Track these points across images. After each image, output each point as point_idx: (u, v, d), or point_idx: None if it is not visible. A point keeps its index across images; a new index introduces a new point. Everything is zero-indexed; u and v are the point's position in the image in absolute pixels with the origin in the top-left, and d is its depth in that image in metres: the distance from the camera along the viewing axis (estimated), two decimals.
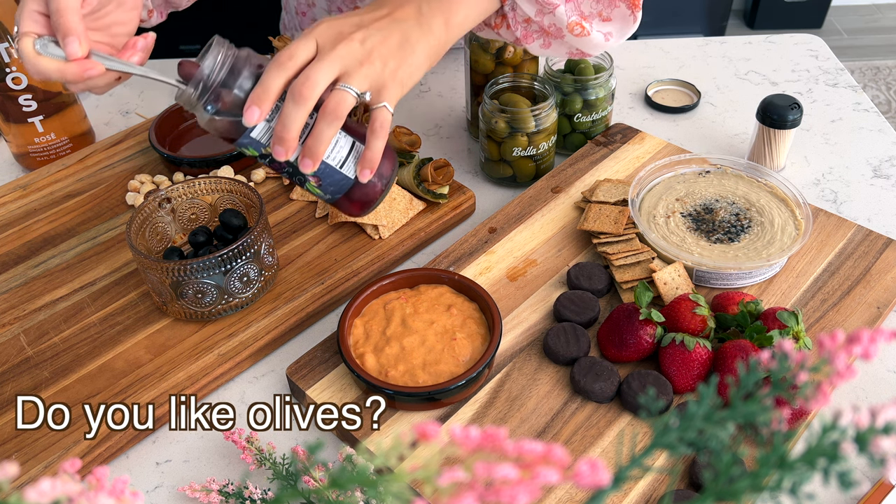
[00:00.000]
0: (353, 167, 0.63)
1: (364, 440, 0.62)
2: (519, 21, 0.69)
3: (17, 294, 0.76)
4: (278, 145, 0.58)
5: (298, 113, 0.57)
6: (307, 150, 0.59)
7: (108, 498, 0.28)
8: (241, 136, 0.60)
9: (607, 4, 0.69)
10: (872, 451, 0.26)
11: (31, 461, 0.61)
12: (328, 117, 0.58)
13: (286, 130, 0.58)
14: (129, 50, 0.64)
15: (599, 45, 0.71)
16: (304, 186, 0.64)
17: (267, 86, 0.58)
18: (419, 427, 0.26)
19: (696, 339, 0.64)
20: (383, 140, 0.61)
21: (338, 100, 0.58)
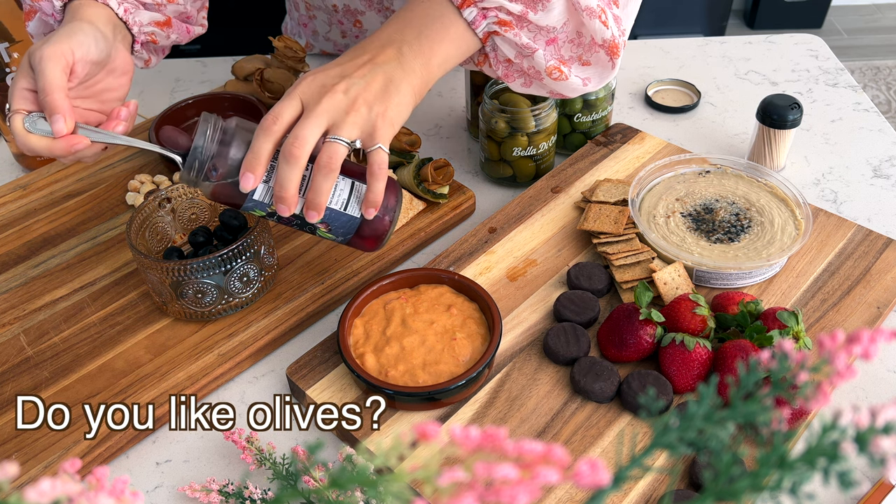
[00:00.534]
0: (357, 207, 0.65)
1: (364, 440, 0.62)
2: (500, 61, 0.71)
3: (17, 294, 0.77)
4: (280, 203, 0.60)
5: (293, 173, 0.59)
6: (309, 203, 0.61)
7: (108, 498, 0.28)
8: (244, 202, 0.63)
9: (587, 49, 0.70)
10: (872, 451, 0.26)
11: (31, 461, 0.61)
12: (323, 171, 0.60)
13: (284, 190, 0.60)
14: (114, 120, 0.67)
15: (577, 89, 0.72)
16: (317, 233, 0.66)
17: (257, 152, 0.60)
18: (419, 427, 0.26)
19: (696, 339, 0.64)
20: (383, 180, 0.63)
21: (330, 153, 0.60)
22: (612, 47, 0.70)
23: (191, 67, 1.15)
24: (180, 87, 1.11)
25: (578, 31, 0.69)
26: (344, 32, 1.09)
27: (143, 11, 0.77)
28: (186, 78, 1.13)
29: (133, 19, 0.75)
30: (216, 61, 1.16)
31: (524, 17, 0.67)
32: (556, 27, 0.68)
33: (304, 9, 1.10)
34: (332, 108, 0.60)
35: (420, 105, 1.05)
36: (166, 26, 0.80)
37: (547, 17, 0.67)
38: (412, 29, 0.66)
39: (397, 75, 0.63)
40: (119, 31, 0.73)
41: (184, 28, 0.83)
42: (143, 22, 0.76)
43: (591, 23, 0.67)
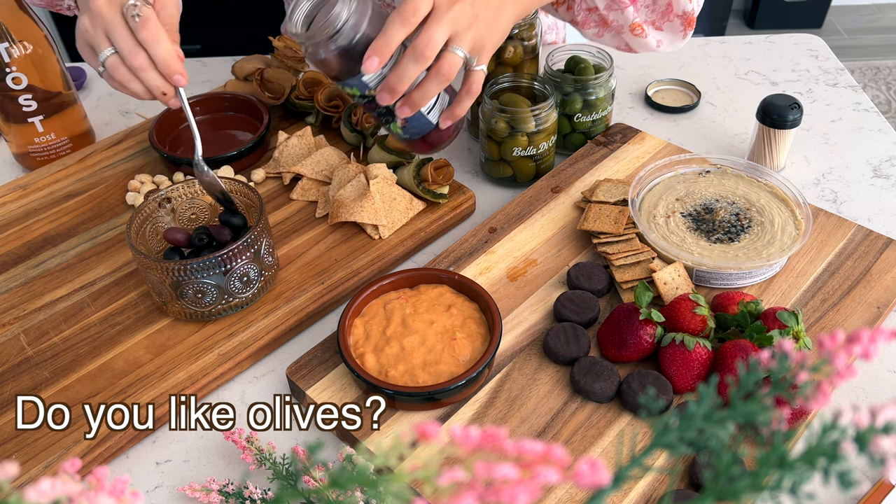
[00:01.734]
0: (437, 115, 0.69)
1: (364, 440, 0.62)
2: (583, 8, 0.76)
3: (17, 294, 0.77)
4: (386, 93, 0.64)
5: (416, 69, 0.63)
6: (410, 101, 0.65)
7: (108, 498, 0.28)
8: (350, 78, 0.64)
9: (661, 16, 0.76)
10: (872, 451, 0.26)
11: (31, 461, 0.61)
12: (440, 77, 0.64)
13: (400, 83, 0.63)
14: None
15: (650, 48, 0.80)
16: (388, 125, 0.69)
17: (389, 38, 0.62)
18: (419, 427, 0.26)
19: (696, 339, 0.64)
20: (474, 99, 0.68)
21: (451, 63, 0.64)
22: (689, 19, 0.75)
23: (191, 67, 1.15)
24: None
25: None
26: None
27: None
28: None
29: None
30: (216, 61, 1.16)
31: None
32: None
33: None
34: (458, 18, 0.63)
35: None
36: None
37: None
38: None
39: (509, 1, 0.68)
40: None
41: None
42: None
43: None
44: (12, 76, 0.86)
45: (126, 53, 0.66)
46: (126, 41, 0.66)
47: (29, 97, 0.89)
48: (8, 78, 0.86)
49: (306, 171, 0.87)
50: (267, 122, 0.92)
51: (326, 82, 0.96)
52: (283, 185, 0.89)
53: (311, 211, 0.85)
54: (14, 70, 0.86)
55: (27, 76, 0.87)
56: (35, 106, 0.90)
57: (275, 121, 0.99)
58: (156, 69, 0.67)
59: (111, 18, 0.66)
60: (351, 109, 0.91)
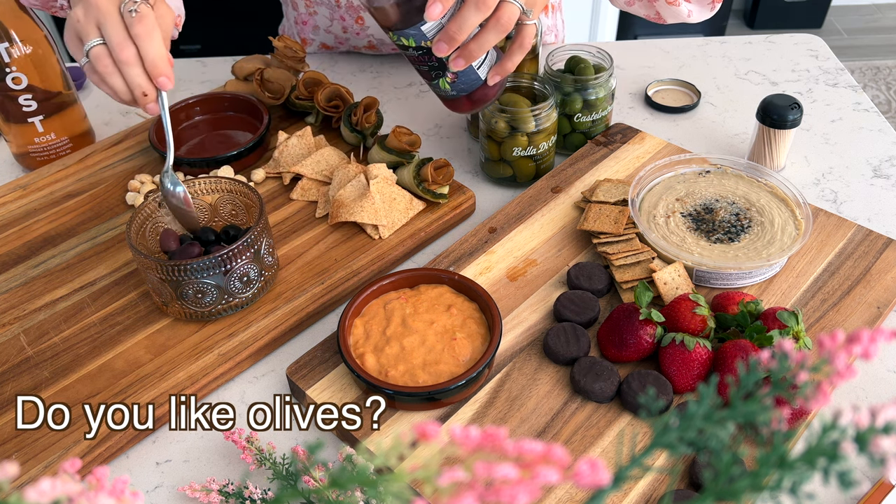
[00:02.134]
0: (486, 70, 0.69)
1: (364, 440, 0.62)
2: None
3: (17, 294, 0.77)
4: (444, 42, 0.64)
5: (477, 17, 0.62)
6: (466, 52, 0.65)
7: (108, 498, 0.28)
8: (409, 27, 0.64)
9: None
10: (872, 451, 0.26)
11: (31, 461, 0.61)
12: (499, 27, 0.64)
13: (460, 31, 0.63)
14: None
15: (680, 17, 0.80)
16: (436, 80, 0.69)
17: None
18: (419, 427, 0.26)
19: (696, 339, 0.64)
20: (525, 53, 0.68)
21: (510, 13, 0.64)
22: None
23: (191, 67, 1.15)
24: (180, 87, 1.11)
25: None
26: (345, 28, 1.09)
27: None
28: (186, 78, 1.13)
29: None
30: (216, 61, 1.16)
31: None
32: None
33: (303, 6, 1.10)
34: None
35: (420, 105, 1.05)
36: None
37: None
38: None
39: None
40: None
41: None
42: None
43: None
44: (12, 76, 0.86)
45: (115, 45, 0.65)
46: (118, 33, 0.65)
47: (29, 97, 0.89)
48: (8, 78, 0.86)
49: (306, 171, 0.87)
50: (267, 122, 0.92)
51: (326, 82, 0.96)
52: (283, 185, 0.89)
53: (311, 211, 0.85)
54: (14, 70, 0.86)
55: (27, 76, 0.87)
56: (35, 106, 0.90)
57: (275, 121, 0.99)
58: (142, 67, 0.66)
59: (106, 9, 0.66)
60: (351, 109, 0.91)
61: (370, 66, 1.14)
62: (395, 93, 1.08)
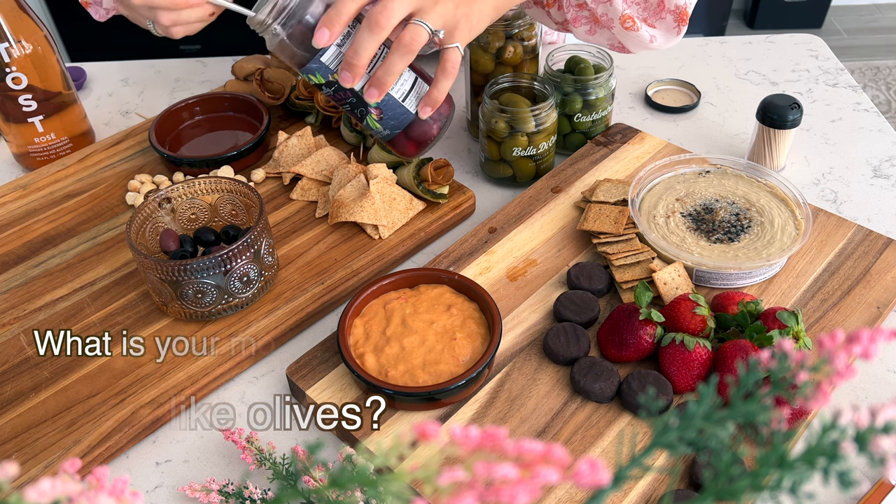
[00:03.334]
0: (415, 103, 0.64)
1: (364, 440, 0.62)
2: (573, 4, 0.72)
3: (17, 294, 0.76)
4: (347, 71, 0.60)
5: (372, 40, 0.58)
6: (375, 80, 0.61)
7: (108, 498, 0.28)
8: (310, 61, 0.61)
9: (653, 13, 0.71)
10: (872, 451, 0.26)
11: (31, 461, 0.61)
12: (402, 49, 0.59)
13: (357, 57, 0.59)
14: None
15: (643, 44, 0.74)
16: (364, 120, 0.65)
17: (340, 9, 0.59)
18: (419, 427, 0.26)
19: (696, 339, 0.64)
20: (452, 80, 0.63)
21: (413, 34, 0.59)
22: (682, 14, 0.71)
23: (191, 67, 1.15)
24: (180, 87, 1.11)
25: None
26: None
27: None
28: (186, 78, 1.13)
29: None
30: (216, 61, 1.16)
31: None
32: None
33: None
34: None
35: None
36: None
37: None
38: None
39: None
40: None
41: None
42: None
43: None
44: (12, 76, 0.86)
45: None
46: None
47: (29, 97, 0.89)
48: (8, 78, 0.86)
49: (306, 171, 0.87)
50: (267, 122, 0.92)
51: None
52: (283, 185, 0.89)
53: (311, 211, 0.85)
54: (14, 70, 0.86)
55: (27, 76, 0.87)
56: (35, 106, 0.90)
57: (275, 121, 0.99)
58: None
59: None
60: None
61: None
62: None
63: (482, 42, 0.89)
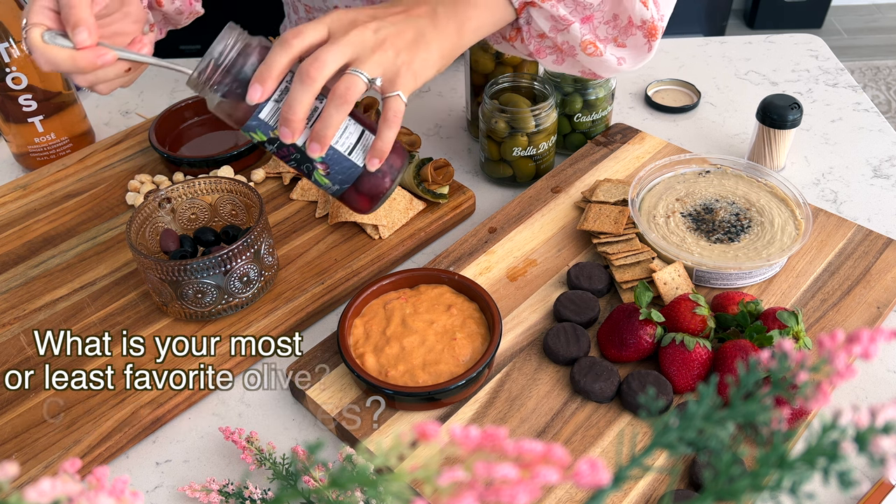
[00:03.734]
0: (362, 156, 0.62)
1: (364, 440, 0.62)
2: (533, 35, 0.69)
3: (17, 294, 0.76)
4: (284, 126, 0.57)
5: (305, 94, 0.56)
6: (315, 135, 0.58)
7: (108, 498, 0.28)
8: (248, 119, 0.59)
9: (623, 31, 0.68)
10: (872, 451, 0.26)
11: (31, 461, 0.61)
12: (337, 101, 0.57)
13: (292, 111, 0.57)
14: (137, 44, 0.65)
15: (611, 68, 0.70)
16: (312, 176, 0.62)
17: (270, 64, 0.57)
18: (419, 427, 0.26)
19: (696, 339, 0.64)
20: (395, 130, 0.60)
21: (347, 84, 0.57)
22: (651, 29, 0.68)
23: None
24: (180, 87, 1.11)
25: (615, 13, 0.67)
26: None
27: None
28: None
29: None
30: None
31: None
32: (594, 4, 0.66)
33: (303, 11, 1.10)
34: (359, 42, 0.58)
35: (420, 105, 1.05)
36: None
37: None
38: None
39: (429, 31, 0.61)
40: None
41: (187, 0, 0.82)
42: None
43: (630, 3, 0.66)
44: (12, 76, 0.86)
45: None
46: None
47: (29, 97, 0.89)
48: (8, 78, 0.86)
49: None
50: None
51: None
52: (283, 185, 0.89)
53: (311, 211, 0.85)
54: (14, 70, 0.86)
55: (27, 76, 0.87)
56: (35, 106, 0.90)
57: None
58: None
59: None
60: None
61: None
62: None
63: (482, 42, 0.89)
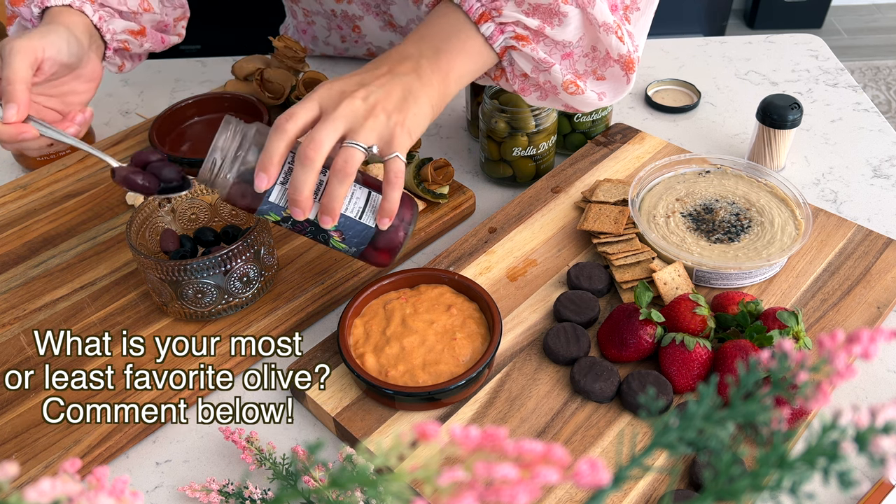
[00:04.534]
0: (373, 217, 0.64)
1: (364, 440, 0.62)
2: (517, 75, 0.71)
3: (17, 294, 0.76)
4: (294, 207, 0.60)
5: (307, 175, 0.59)
6: (324, 209, 0.61)
7: (108, 498, 0.28)
8: (260, 204, 0.62)
9: (602, 63, 0.70)
10: (872, 451, 0.26)
11: (31, 461, 0.61)
12: (338, 175, 0.59)
13: (298, 192, 0.59)
14: (68, 122, 0.69)
15: (592, 104, 0.72)
16: (330, 243, 0.65)
17: (270, 152, 0.60)
18: (419, 427, 0.26)
19: (696, 339, 0.64)
20: (399, 189, 0.62)
21: (346, 157, 0.59)
22: (627, 62, 0.70)
23: (191, 67, 1.15)
24: (180, 87, 1.11)
25: (594, 45, 0.69)
26: (343, 38, 1.09)
27: (118, 20, 0.79)
28: (186, 78, 1.13)
29: (106, 27, 0.77)
30: (216, 61, 1.16)
31: (541, 32, 0.67)
32: (573, 42, 0.68)
33: (301, 15, 1.10)
34: (350, 114, 0.60)
35: None
36: (140, 35, 0.82)
37: (563, 32, 0.67)
38: (430, 44, 0.66)
39: (416, 87, 0.63)
40: (94, 40, 0.75)
41: (158, 38, 0.85)
42: (116, 30, 0.78)
43: (607, 38, 0.67)
44: None
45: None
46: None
47: None
48: None
49: None
50: (267, 123, 0.92)
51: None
52: None
53: None
54: None
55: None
56: None
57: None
58: None
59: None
60: None
61: None
62: None
63: None
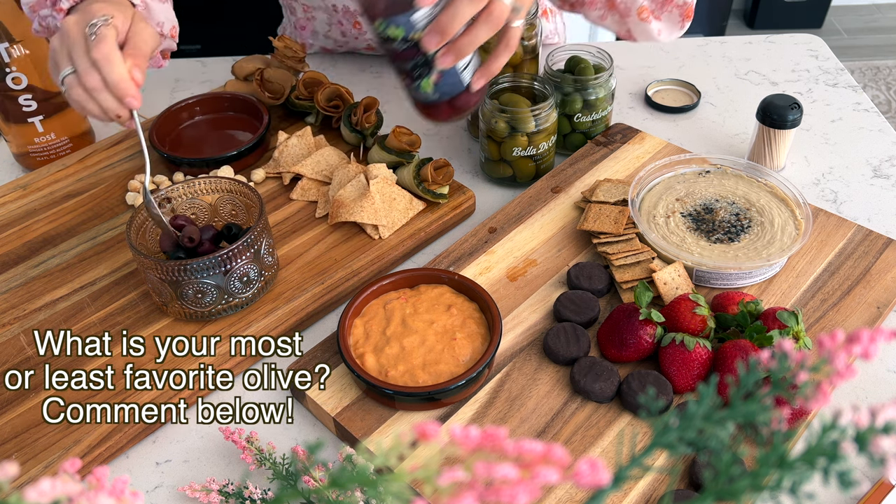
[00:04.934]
0: (470, 74, 0.67)
1: (364, 440, 0.62)
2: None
3: (17, 294, 0.76)
4: (436, 34, 0.61)
5: (470, 10, 0.61)
6: (455, 48, 0.62)
7: (108, 498, 0.28)
8: (399, 15, 0.61)
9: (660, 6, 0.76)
10: (872, 451, 0.26)
11: (31, 461, 0.61)
12: (491, 22, 0.62)
13: (452, 23, 0.61)
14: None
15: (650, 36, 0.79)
16: (418, 82, 0.66)
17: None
18: (419, 427, 0.26)
19: (696, 339, 0.64)
20: (510, 55, 0.66)
21: (502, 9, 0.62)
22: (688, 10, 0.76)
23: (191, 67, 1.15)
24: (180, 87, 1.11)
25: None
26: (344, 32, 1.09)
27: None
28: (186, 78, 1.13)
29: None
30: (216, 61, 1.16)
31: None
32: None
33: (301, 11, 1.10)
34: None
35: None
36: None
37: None
38: None
39: None
40: None
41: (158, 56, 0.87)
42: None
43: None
44: (12, 76, 0.86)
45: (81, 73, 0.66)
46: (82, 61, 0.66)
47: (29, 97, 0.89)
48: (8, 78, 0.86)
49: (306, 171, 0.87)
50: (267, 122, 0.92)
51: (327, 82, 0.96)
52: (283, 185, 0.89)
53: (311, 211, 0.85)
54: (14, 70, 0.86)
55: (27, 76, 0.87)
56: (35, 106, 0.90)
57: (275, 121, 0.99)
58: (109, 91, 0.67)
59: (74, 37, 0.67)
60: (351, 109, 0.91)
61: (370, 66, 1.14)
62: (395, 93, 1.08)
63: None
